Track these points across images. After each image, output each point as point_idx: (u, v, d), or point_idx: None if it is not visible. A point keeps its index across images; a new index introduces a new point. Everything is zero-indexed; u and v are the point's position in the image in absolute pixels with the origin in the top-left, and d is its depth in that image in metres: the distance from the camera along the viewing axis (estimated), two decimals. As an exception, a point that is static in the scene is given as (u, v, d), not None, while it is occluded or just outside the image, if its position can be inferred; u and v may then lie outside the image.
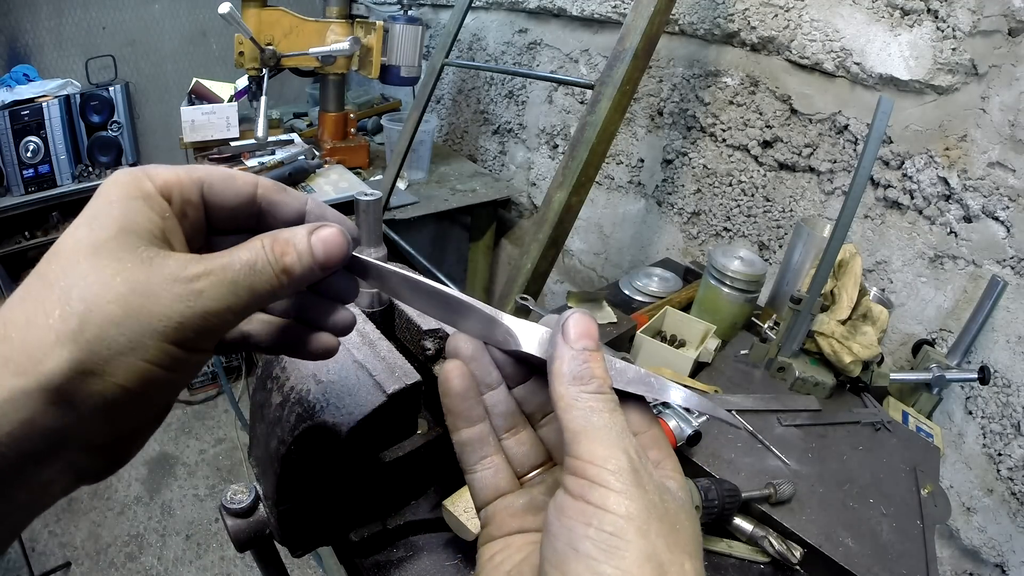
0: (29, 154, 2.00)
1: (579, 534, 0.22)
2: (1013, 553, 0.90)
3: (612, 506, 0.22)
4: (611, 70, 0.93)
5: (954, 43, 0.84)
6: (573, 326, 0.26)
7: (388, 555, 0.54)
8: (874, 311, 0.82)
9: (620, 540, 0.21)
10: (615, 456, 0.23)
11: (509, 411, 0.30)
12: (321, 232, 0.26)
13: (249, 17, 1.42)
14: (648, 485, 0.23)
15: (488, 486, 0.30)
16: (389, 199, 1.48)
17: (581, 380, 0.25)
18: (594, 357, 0.26)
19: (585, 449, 0.24)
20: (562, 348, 0.26)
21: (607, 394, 0.25)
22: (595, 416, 0.24)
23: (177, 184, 0.25)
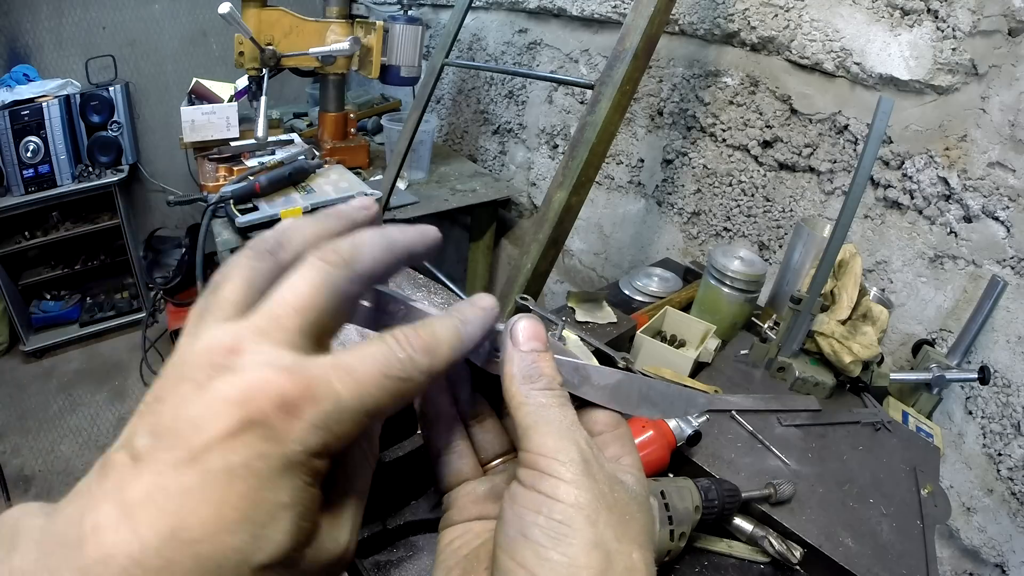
0: (29, 154, 2.00)
1: (529, 521, 0.23)
2: (1013, 553, 0.90)
3: (562, 495, 0.23)
4: (611, 70, 0.93)
5: (954, 43, 0.84)
6: (521, 331, 0.27)
7: (388, 555, 0.54)
8: (874, 311, 0.82)
9: (568, 528, 0.22)
10: (565, 448, 0.24)
11: (476, 398, 0.31)
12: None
13: (249, 17, 1.42)
14: (599, 475, 0.24)
15: (452, 471, 0.30)
16: (389, 199, 1.48)
17: (530, 379, 0.26)
18: (543, 357, 0.27)
19: (537, 442, 0.24)
20: (511, 351, 0.27)
21: (556, 390, 0.26)
22: (545, 411, 0.25)
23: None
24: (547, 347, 0.27)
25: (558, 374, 0.27)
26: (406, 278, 0.60)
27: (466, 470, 0.30)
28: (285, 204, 1.38)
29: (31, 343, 2.33)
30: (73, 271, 2.39)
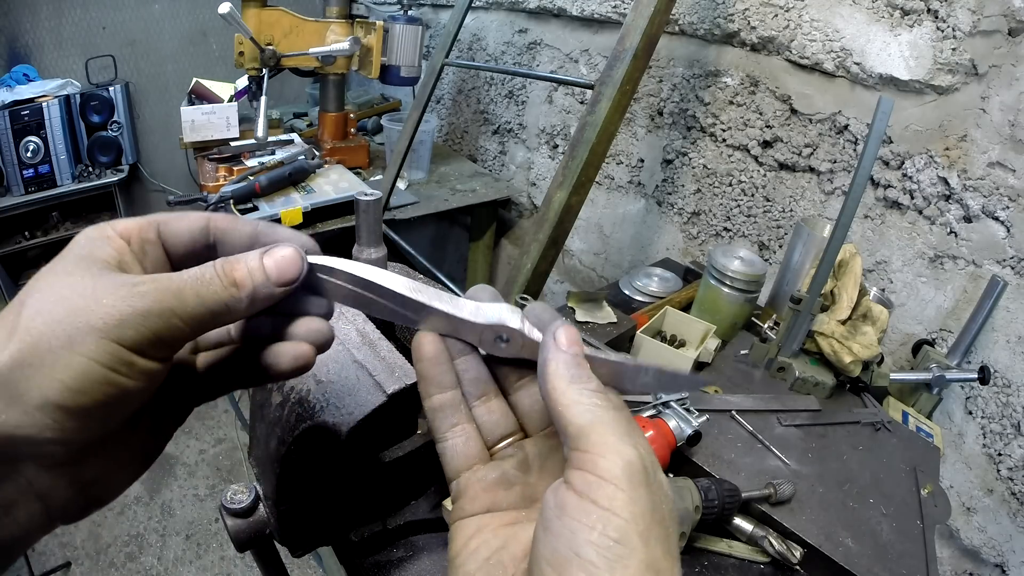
0: (29, 154, 2.00)
1: (582, 538, 0.21)
2: (1013, 553, 0.90)
3: (619, 507, 0.21)
4: (611, 70, 0.93)
5: (954, 43, 0.84)
6: (564, 334, 0.26)
7: (388, 555, 0.54)
8: (874, 311, 0.82)
9: (624, 548, 0.21)
10: (626, 450, 0.23)
11: (480, 377, 0.30)
12: (273, 251, 0.27)
13: (249, 17, 1.42)
14: (653, 484, 0.23)
15: (459, 454, 0.30)
16: (389, 199, 1.48)
17: (579, 379, 0.25)
18: (586, 363, 0.26)
19: (596, 440, 0.23)
20: (555, 351, 0.26)
21: (606, 394, 0.25)
22: (601, 411, 0.24)
23: (135, 227, 0.27)
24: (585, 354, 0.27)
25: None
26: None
27: (473, 454, 0.30)
28: (285, 204, 1.38)
29: (31, 343, 2.33)
30: (73, 271, 2.39)
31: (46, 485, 0.24)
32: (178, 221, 0.28)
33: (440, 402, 0.30)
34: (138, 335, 0.23)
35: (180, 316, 0.24)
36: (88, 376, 0.22)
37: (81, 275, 0.24)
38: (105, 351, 0.22)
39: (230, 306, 0.26)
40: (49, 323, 0.22)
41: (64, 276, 0.24)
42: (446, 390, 0.30)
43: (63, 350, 0.22)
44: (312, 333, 0.29)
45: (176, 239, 0.28)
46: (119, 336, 0.23)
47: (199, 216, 0.29)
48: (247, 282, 0.26)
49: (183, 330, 0.25)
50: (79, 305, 0.23)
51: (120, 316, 0.23)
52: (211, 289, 0.25)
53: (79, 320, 0.22)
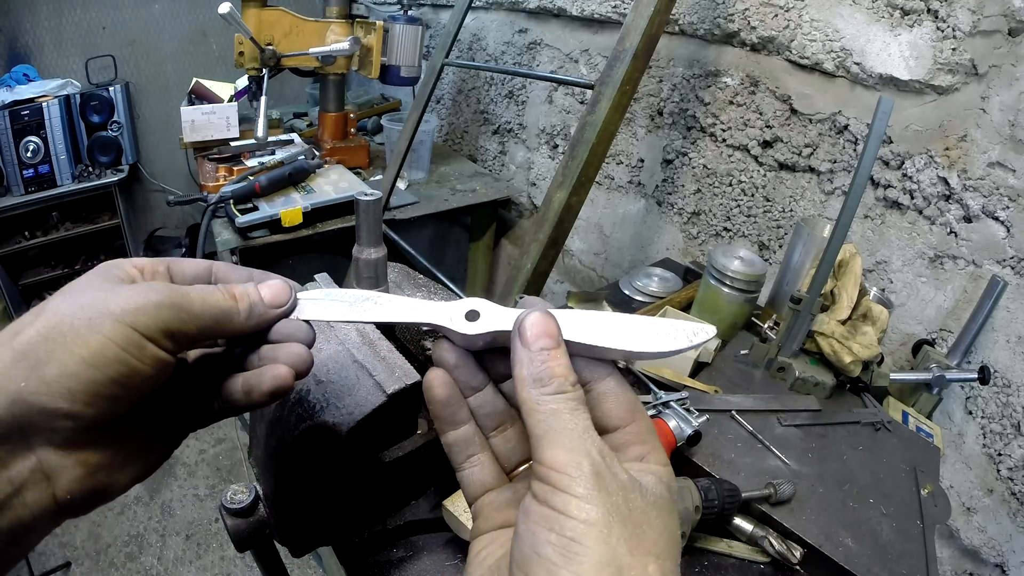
0: (29, 154, 2.00)
1: (541, 539, 0.23)
2: (1013, 553, 0.90)
3: (573, 511, 0.23)
4: (611, 70, 0.93)
5: (954, 43, 0.84)
6: (530, 327, 0.27)
7: (388, 555, 0.54)
8: (874, 311, 0.82)
9: (579, 546, 0.22)
10: (576, 460, 0.24)
11: (495, 411, 0.31)
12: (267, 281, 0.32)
13: (249, 17, 1.42)
14: (612, 487, 0.24)
15: (475, 482, 0.31)
16: (389, 199, 1.48)
17: (540, 382, 0.26)
18: (553, 356, 0.26)
19: (548, 455, 0.24)
20: (520, 352, 0.26)
21: (568, 393, 0.26)
22: (556, 419, 0.25)
23: (148, 263, 0.31)
24: (559, 342, 0.27)
25: (571, 372, 0.26)
26: (406, 278, 0.60)
27: (489, 480, 0.31)
28: (285, 204, 1.38)
29: (31, 343, 2.33)
30: (73, 271, 2.39)
31: (55, 463, 0.26)
32: (185, 263, 0.33)
33: (455, 438, 0.31)
34: (150, 322, 0.26)
35: (187, 312, 0.28)
36: (104, 353, 0.25)
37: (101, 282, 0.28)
38: (121, 333, 0.25)
39: (230, 315, 0.30)
40: (72, 308, 0.26)
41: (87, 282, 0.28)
42: (460, 426, 0.31)
43: (83, 329, 0.25)
44: (291, 357, 0.32)
45: (183, 275, 0.32)
46: (134, 321, 0.26)
47: (204, 262, 0.34)
48: (245, 298, 0.30)
49: (189, 326, 0.28)
50: (100, 296, 0.26)
51: (135, 305, 0.26)
52: (215, 297, 0.29)
53: (99, 306, 0.26)
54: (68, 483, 0.26)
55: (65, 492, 0.26)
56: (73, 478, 0.26)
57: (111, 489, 0.28)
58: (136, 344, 0.26)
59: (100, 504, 0.28)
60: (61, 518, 0.27)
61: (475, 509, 0.31)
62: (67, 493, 0.26)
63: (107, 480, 0.28)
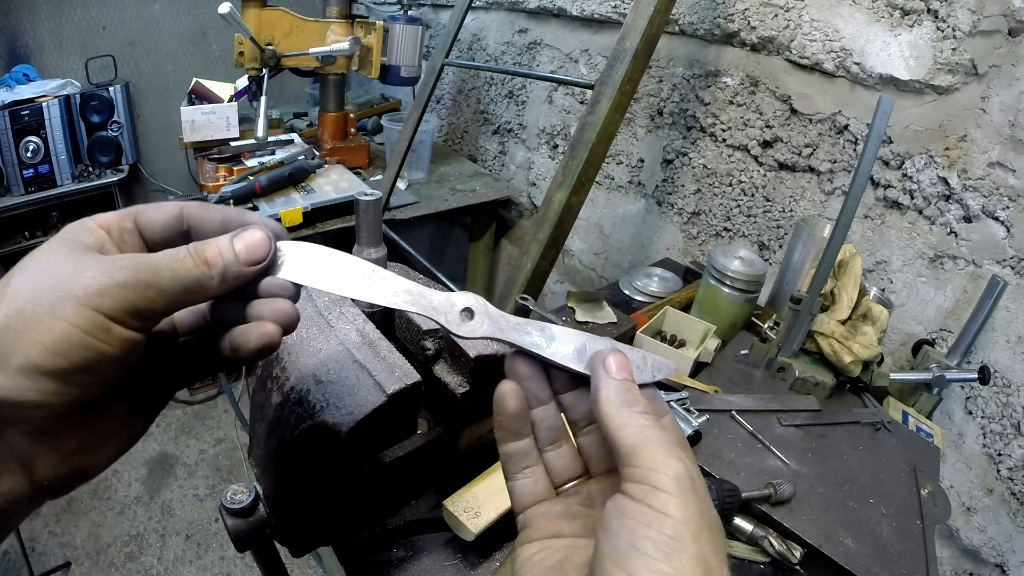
0: (29, 154, 2.00)
1: (640, 535, 0.24)
2: (1013, 553, 0.90)
3: (672, 510, 0.24)
4: (611, 70, 0.93)
5: (954, 43, 0.84)
6: (614, 362, 0.29)
7: (388, 555, 0.54)
8: (874, 311, 0.82)
9: (678, 543, 0.23)
10: (673, 464, 0.25)
11: (555, 426, 0.33)
12: (243, 234, 0.29)
13: (249, 17, 1.42)
14: (700, 492, 0.26)
15: (527, 493, 0.32)
16: (389, 199, 1.48)
17: (629, 403, 0.28)
18: (634, 386, 0.29)
19: (647, 457, 0.26)
20: (606, 379, 0.29)
21: (652, 414, 0.28)
22: (649, 431, 0.27)
23: (114, 218, 0.29)
24: (633, 379, 0.29)
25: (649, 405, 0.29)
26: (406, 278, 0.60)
27: (541, 492, 0.32)
28: (285, 204, 1.38)
29: (31, 343, 2.33)
30: (73, 271, 2.39)
31: (29, 452, 0.25)
32: (154, 211, 0.30)
33: (514, 449, 0.33)
34: (116, 303, 0.25)
35: (155, 289, 0.26)
36: (68, 340, 0.24)
37: (65, 254, 0.26)
38: (85, 317, 0.24)
39: (202, 282, 0.28)
40: (34, 292, 0.24)
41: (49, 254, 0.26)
42: (521, 439, 0.32)
43: (46, 315, 0.23)
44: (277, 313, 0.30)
45: (152, 227, 0.30)
46: (98, 304, 0.24)
47: (173, 205, 0.31)
48: (218, 261, 0.28)
49: (157, 302, 0.26)
50: (62, 276, 0.25)
51: (99, 286, 0.24)
52: (184, 266, 0.27)
53: (62, 289, 0.24)
54: (45, 469, 0.26)
55: (42, 478, 0.26)
56: (49, 464, 0.26)
57: (91, 469, 0.28)
58: (102, 327, 0.25)
59: (81, 484, 0.28)
60: (39, 501, 0.27)
61: (524, 518, 0.32)
62: (44, 479, 0.26)
63: (86, 461, 0.27)
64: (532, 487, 0.32)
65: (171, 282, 0.27)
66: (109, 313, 0.25)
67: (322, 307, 0.50)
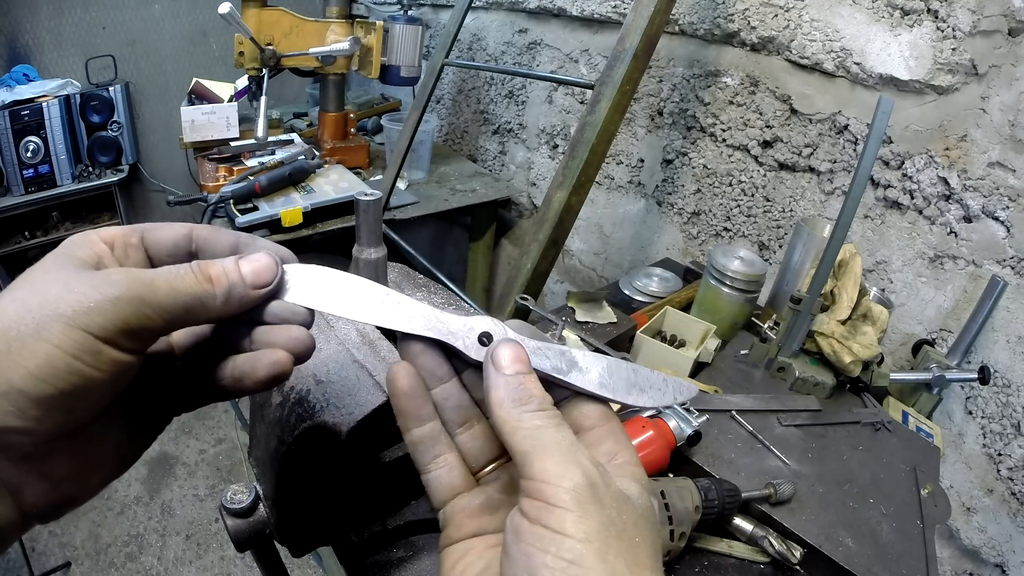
0: (29, 154, 2.00)
1: (538, 562, 0.22)
2: (1013, 553, 0.90)
3: (569, 529, 0.22)
4: (611, 70, 0.93)
5: (954, 43, 0.84)
6: (503, 356, 0.27)
7: (388, 555, 0.54)
8: (874, 311, 0.82)
9: (579, 568, 0.21)
10: (569, 472, 0.23)
11: (461, 404, 0.30)
12: (250, 256, 0.28)
13: (249, 17, 1.42)
14: (606, 499, 0.23)
15: (443, 485, 0.30)
16: (389, 199, 1.48)
17: (520, 401, 0.25)
18: (529, 379, 0.26)
19: (538, 468, 0.23)
20: (495, 377, 0.26)
21: (549, 411, 0.26)
22: (542, 433, 0.24)
23: (119, 234, 0.28)
24: (531, 370, 0.27)
25: (547, 395, 0.26)
26: (406, 278, 0.60)
27: (457, 483, 0.30)
28: (285, 204, 1.38)
29: (31, 343, 2.33)
30: (73, 271, 2.39)
31: (15, 479, 0.24)
32: (161, 229, 0.29)
33: (420, 435, 0.30)
34: (107, 323, 0.23)
35: (151, 305, 0.24)
36: (53, 364, 0.22)
37: (59, 270, 0.24)
38: (71, 339, 0.22)
39: (204, 301, 0.26)
40: (20, 311, 0.22)
41: (42, 271, 0.24)
42: (425, 422, 0.30)
43: (30, 337, 0.22)
44: (289, 340, 0.29)
45: (158, 246, 0.29)
46: (87, 324, 0.22)
47: (182, 225, 0.29)
48: (222, 280, 0.27)
49: (154, 320, 0.24)
50: (51, 294, 0.23)
51: (89, 303, 0.23)
52: (185, 282, 0.26)
53: (48, 308, 0.22)
54: (32, 496, 0.24)
55: (30, 505, 0.24)
56: (37, 491, 0.24)
57: (81, 495, 0.26)
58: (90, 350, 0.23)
59: (71, 509, 0.26)
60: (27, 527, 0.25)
61: (444, 515, 0.29)
62: (32, 506, 0.25)
63: (75, 489, 0.26)
64: (447, 478, 0.29)
65: (169, 298, 0.25)
66: (99, 333, 0.23)
67: (322, 307, 0.50)
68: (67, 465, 0.25)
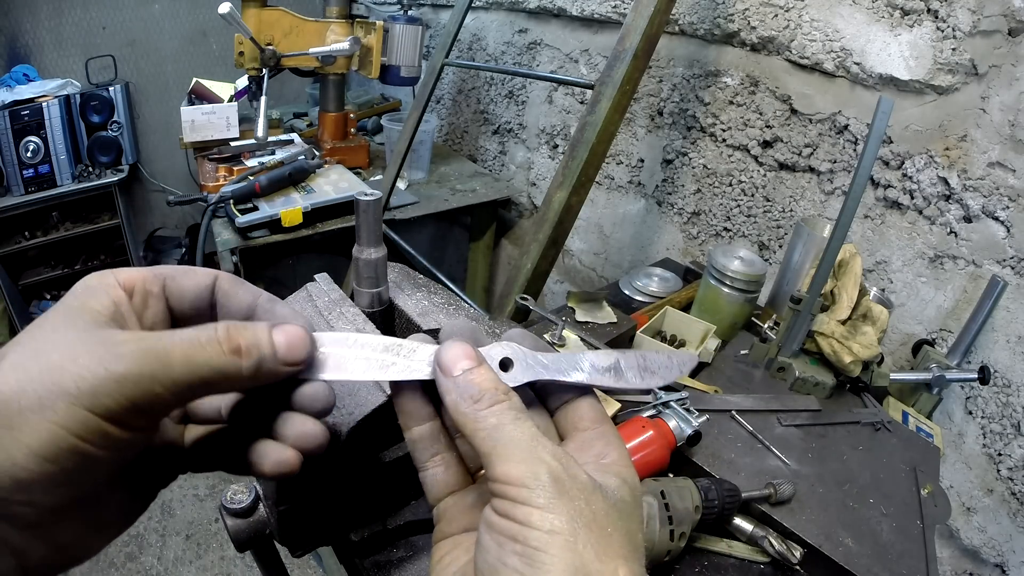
0: (29, 154, 2.00)
1: (507, 550, 0.22)
2: (1013, 553, 0.90)
3: (536, 522, 0.22)
4: (611, 70, 0.93)
5: (954, 43, 0.84)
6: (447, 360, 0.26)
7: (388, 555, 0.54)
8: (874, 311, 0.82)
9: (545, 554, 0.22)
10: (533, 471, 0.23)
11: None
12: (285, 327, 0.26)
13: (249, 17, 1.42)
14: (572, 491, 0.23)
15: (439, 483, 0.30)
16: (389, 199, 1.48)
17: (472, 398, 0.25)
18: (477, 372, 0.26)
19: (501, 470, 0.24)
20: (444, 383, 0.26)
21: (504, 402, 0.25)
22: (500, 432, 0.24)
23: (140, 278, 0.26)
24: (479, 360, 0.27)
25: (499, 382, 0.26)
26: (406, 278, 0.60)
27: (452, 481, 0.30)
28: (285, 204, 1.38)
29: (31, 343, 2.33)
30: (73, 271, 2.39)
31: (20, 544, 0.23)
32: (185, 277, 0.27)
33: (419, 434, 0.30)
34: (113, 403, 0.21)
35: (162, 383, 0.22)
36: (56, 443, 0.21)
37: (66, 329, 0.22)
38: (76, 419, 0.21)
39: (227, 375, 0.24)
40: (22, 381, 0.21)
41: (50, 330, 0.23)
42: (423, 422, 0.30)
43: (32, 413, 0.20)
44: (301, 437, 0.27)
45: (181, 297, 0.27)
46: (92, 404, 0.21)
47: (207, 274, 0.28)
48: (253, 352, 0.24)
49: (165, 398, 0.23)
50: (54, 362, 0.21)
51: (94, 380, 0.21)
52: (206, 353, 0.23)
53: (52, 380, 0.21)
54: (37, 559, 0.23)
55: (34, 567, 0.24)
56: (42, 555, 0.23)
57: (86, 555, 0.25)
58: (96, 431, 0.21)
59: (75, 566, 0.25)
60: None
61: (438, 512, 0.30)
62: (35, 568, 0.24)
63: (80, 551, 0.25)
64: (443, 476, 0.30)
65: (184, 373, 0.23)
66: (104, 414, 0.21)
67: (322, 307, 0.50)
68: (72, 531, 0.24)
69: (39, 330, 0.23)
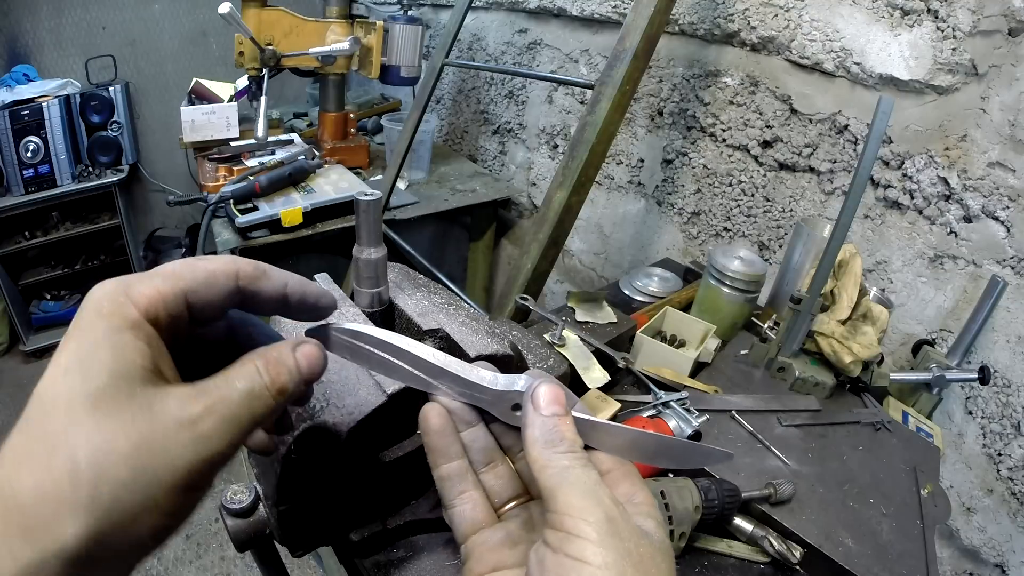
0: (29, 154, 2.00)
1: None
2: (1013, 553, 0.90)
3: (589, 556, 0.23)
4: (611, 70, 0.93)
5: (954, 43, 0.84)
6: (542, 396, 0.28)
7: (388, 555, 0.54)
8: (874, 311, 0.82)
9: None
10: (591, 507, 0.25)
11: (487, 447, 0.32)
12: (303, 349, 0.28)
13: (249, 17, 1.42)
14: (624, 532, 0.25)
15: (467, 520, 0.31)
16: (389, 199, 1.48)
17: (552, 443, 0.27)
18: (563, 421, 0.28)
19: (562, 502, 0.25)
20: (532, 416, 0.28)
21: (578, 452, 0.27)
22: (569, 473, 0.26)
23: (162, 304, 0.25)
24: (567, 411, 0.29)
25: (578, 437, 0.28)
26: (406, 278, 0.60)
27: (480, 518, 0.31)
28: (285, 204, 1.38)
29: (31, 343, 2.33)
30: (73, 271, 2.39)
31: None
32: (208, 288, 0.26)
33: (448, 471, 0.31)
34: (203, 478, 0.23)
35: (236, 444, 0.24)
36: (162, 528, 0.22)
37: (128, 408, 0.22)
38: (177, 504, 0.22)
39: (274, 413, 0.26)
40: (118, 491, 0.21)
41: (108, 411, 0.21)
42: (453, 460, 0.31)
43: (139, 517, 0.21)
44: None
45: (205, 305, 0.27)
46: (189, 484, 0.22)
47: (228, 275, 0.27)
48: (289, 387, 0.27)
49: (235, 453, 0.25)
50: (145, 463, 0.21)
51: (189, 467, 0.22)
52: (262, 403, 0.25)
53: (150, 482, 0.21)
54: None
55: None
56: None
57: None
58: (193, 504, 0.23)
59: None
60: None
61: (466, 549, 0.31)
62: None
63: None
64: (471, 513, 0.31)
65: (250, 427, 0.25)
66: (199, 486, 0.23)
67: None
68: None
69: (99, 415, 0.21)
